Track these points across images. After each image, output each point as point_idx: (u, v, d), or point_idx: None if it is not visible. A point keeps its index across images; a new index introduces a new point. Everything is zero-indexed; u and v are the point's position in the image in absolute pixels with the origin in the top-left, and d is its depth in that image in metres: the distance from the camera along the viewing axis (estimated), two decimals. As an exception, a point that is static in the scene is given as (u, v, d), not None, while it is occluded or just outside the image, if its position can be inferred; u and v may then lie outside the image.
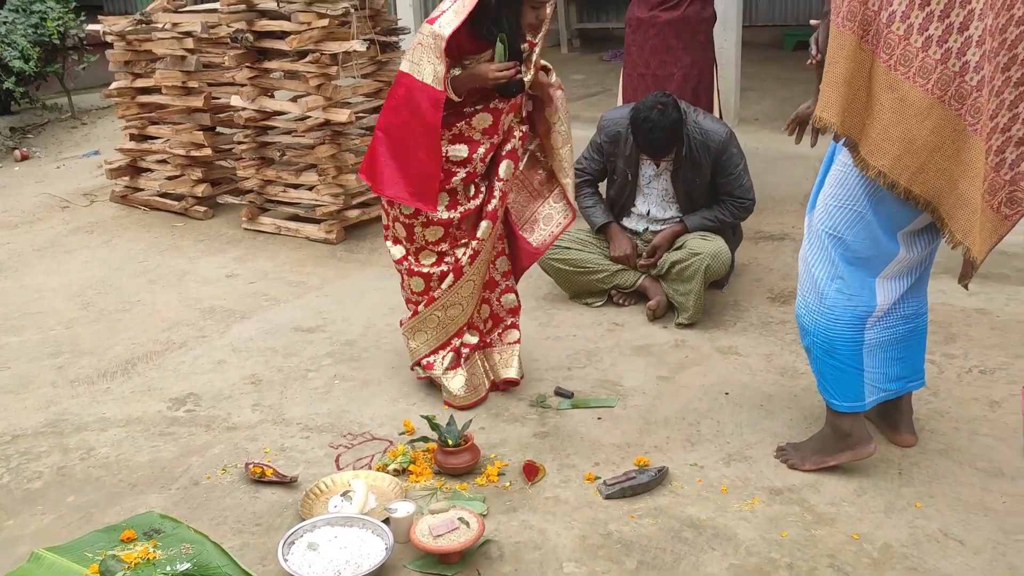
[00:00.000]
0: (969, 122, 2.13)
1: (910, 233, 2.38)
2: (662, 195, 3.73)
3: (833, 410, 2.53)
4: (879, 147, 2.19)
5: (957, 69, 2.11)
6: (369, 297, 4.04)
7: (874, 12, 2.13)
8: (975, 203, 2.19)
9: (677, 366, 3.27)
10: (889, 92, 2.15)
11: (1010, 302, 3.53)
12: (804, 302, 2.49)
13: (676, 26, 4.07)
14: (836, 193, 2.35)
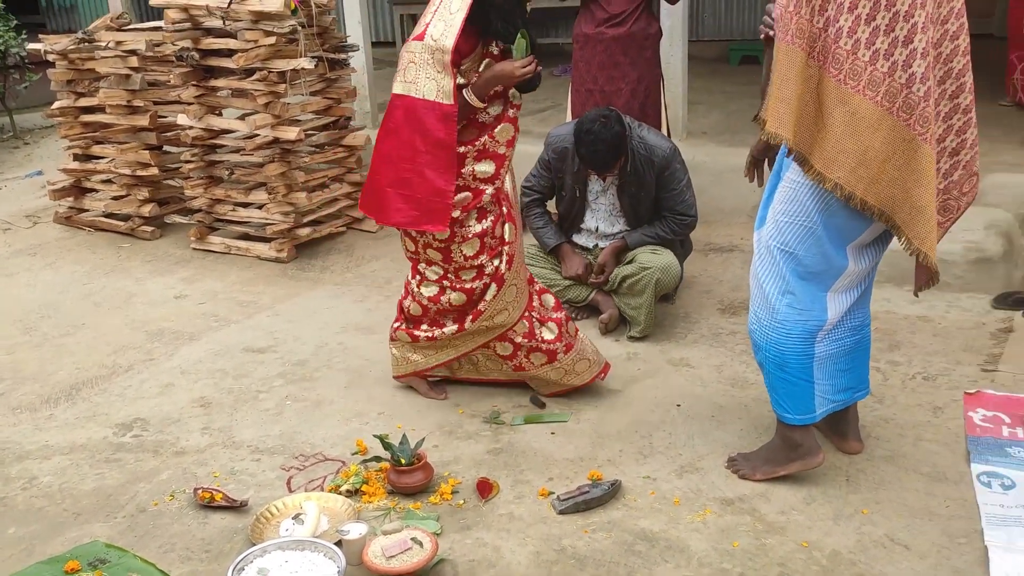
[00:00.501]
0: (918, 131, 2.20)
1: (858, 247, 2.43)
2: (609, 210, 3.76)
3: (784, 422, 2.57)
4: (834, 160, 2.22)
5: (904, 81, 2.17)
6: (321, 316, 4.00)
7: (819, 29, 2.17)
8: (929, 210, 2.25)
9: (629, 379, 3.29)
10: (841, 106, 2.19)
11: (951, 309, 3.62)
12: (756, 317, 2.52)
13: (623, 42, 4.11)
14: (786, 209, 2.38)
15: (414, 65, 2.69)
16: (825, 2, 2.15)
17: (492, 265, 2.97)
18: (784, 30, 2.18)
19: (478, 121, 2.84)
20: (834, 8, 2.15)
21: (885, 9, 2.13)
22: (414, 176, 2.76)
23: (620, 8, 4.08)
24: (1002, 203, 4.10)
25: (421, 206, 2.77)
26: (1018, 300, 3.59)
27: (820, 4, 2.15)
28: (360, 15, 5.66)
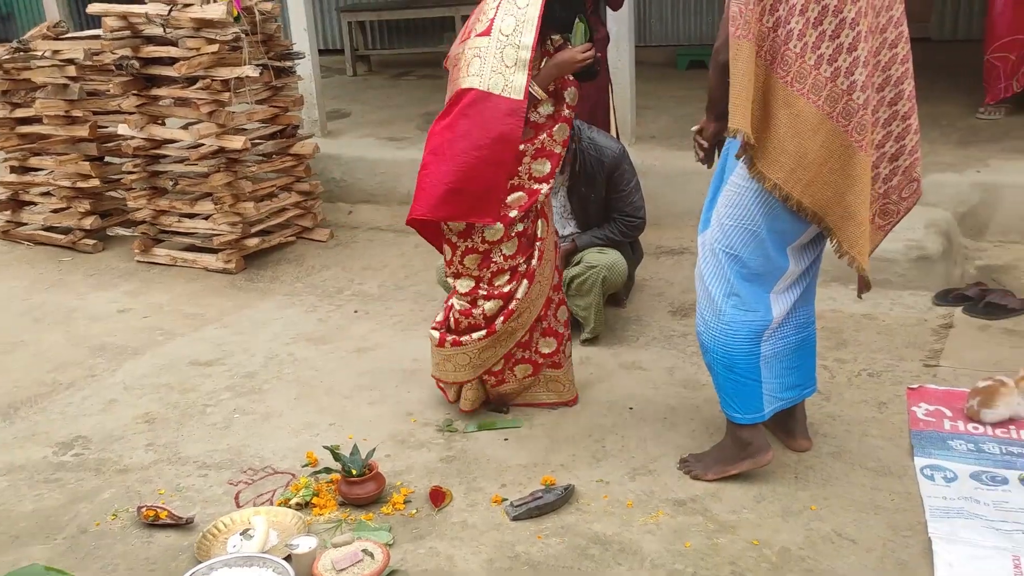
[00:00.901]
0: (855, 139, 2.23)
1: (798, 248, 2.47)
2: (560, 212, 3.77)
3: (733, 422, 2.59)
4: (775, 160, 2.25)
5: (845, 87, 2.20)
6: (271, 327, 3.94)
7: (769, 28, 2.19)
8: (861, 216, 2.29)
9: (583, 383, 3.29)
10: (785, 107, 2.22)
11: (894, 306, 3.69)
12: (703, 320, 2.54)
13: (569, 46, 4.13)
14: (731, 213, 2.40)
15: (479, 59, 2.67)
16: (776, 2, 2.17)
17: (525, 264, 2.96)
18: (745, 27, 2.18)
19: (530, 120, 2.82)
20: (785, 9, 2.17)
21: (832, 15, 2.16)
22: (469, 169, 2.69)
23: (567, 15, 4.10)
24: (941, 202, 4.20)
25: (470, 200, 2.73)
26: (958, 296, 3.67)
27: (771, 3, 2.17)
28: (306, 22, 5.60)
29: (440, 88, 8.14)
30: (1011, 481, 2.48)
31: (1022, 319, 3.48)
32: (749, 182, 2.34)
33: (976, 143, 4.67)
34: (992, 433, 2.73)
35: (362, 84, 8.02)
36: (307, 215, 5.02)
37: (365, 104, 7.00)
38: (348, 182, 5.53)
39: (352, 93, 7.54)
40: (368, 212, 5.40)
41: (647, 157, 4.84)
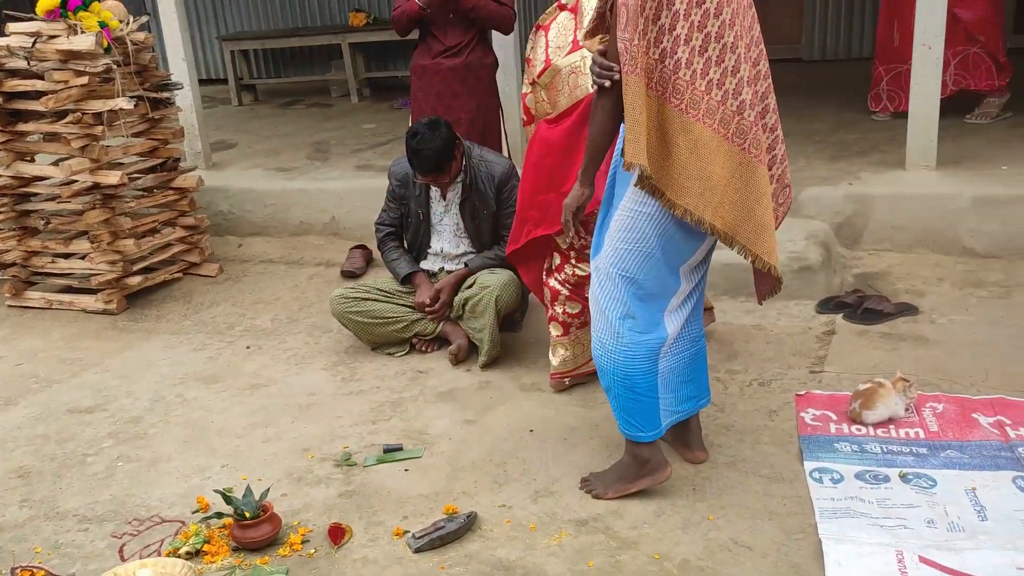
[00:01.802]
0: (753, 154, 2.32)
1: (690, 267, 2.53)
2: (453, 230, 3.77)
3: (634, 441, 2.61)
4: (682, 187, 2.29)
5: (735, 108, 2.29)
6: (157, 368, 3.78)
7: (655, 60, 2.24)
8: (771, 225, 2.39)
9: (483, 408, 3.27)
10: (684, 134, 2.27)
11: (781, 316, 3.82)
12: (600, 343, 2.54)
13: (460, 72, 4.15)
14: (625, 236, 2.42)
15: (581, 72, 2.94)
16: (660, 35, 2.22)
17: None
18: (632, 62, 2.22)
19: None
20: (670, 41, 2.23)
21: (715, 41, 2.24)
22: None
23: (456, 39, 4.12)
24: (819, 214, 4.38)
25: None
26: (838, 304, 3.83)
27: (655, 37, 2.23)
28: (184, 52, 5.45)
29: (328, 116, 8.06)
30: (892, 479, 2.59)
31: (897, 323, 3.65)
32: (642, 206, 2.38)
33: (847, 157, 4.90)
34: (874, 433, 2.84)
35: (248, 114, 7.85)
36: (194, 250, 4.85)
37: (252, 134, 6.85)
38: (236, 214, 5.39)
39: (238, 123, 7.37)
40: (259, 245, 5.26)
41: (538, 179, 4.88)
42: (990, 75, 5.09)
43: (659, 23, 2.22)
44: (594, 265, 2.55)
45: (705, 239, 2.47)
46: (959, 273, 4.05)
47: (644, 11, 2.20)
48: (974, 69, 5.08)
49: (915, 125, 4.38)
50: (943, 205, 4.22)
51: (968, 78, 5.12)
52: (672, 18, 2.21)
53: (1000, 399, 2.96)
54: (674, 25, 2.22)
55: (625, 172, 2.40)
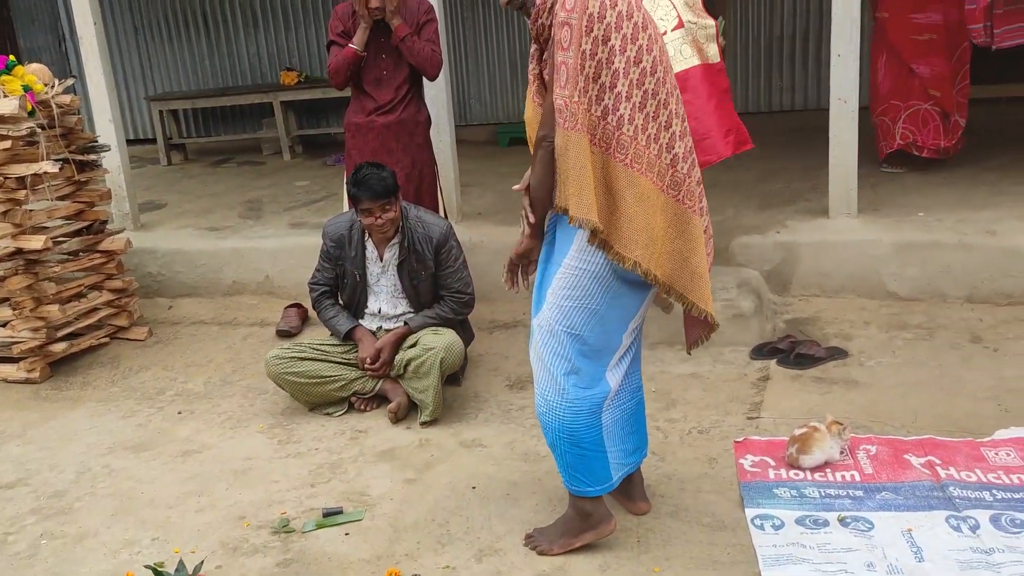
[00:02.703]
0: (688, 205, 2.39)
1: (635, 323, 2.56)
2: (391, 291, 3.75)
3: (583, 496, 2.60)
4: (631, 239, 2.32)
5: (669, 161, 2.36)
6: (83, 438, 3.64)
7: (598, 117, 2.29)
8: (706, 274, 2.44)
9: (423, 466, 3.23)
10: (631, 187, 2.31)
11: (716, 364, 3.88)
12: (544, 400, 2.53)
13: (394, 129, 4.17)
14: (569, 294, 2.43)
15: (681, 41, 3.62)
16: (601, 92, 2.28)
17: None
18: (572, 119, 2.26)
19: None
20: (612, 98, 2.28)
21: (652, 97, 2.32)
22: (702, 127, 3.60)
23: (389, 96, 4.15)
24: (749, 262, 4.49)
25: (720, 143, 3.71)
26: (772, 350, 3.91)
27: (597, 95, 2.28)
28: (111, 113, 5.36)
29: (261, 174, 8.00)
30: (831, 523, 2.62)
31: (828, 367, 3.74)
32: (587, 264, 2.40)
33: (773, 206, 5.05)
34: (811, 478, 2.89)
35: (178, 173, 7.74)
36: (121, 314, 4.72)
37: (182, 194, 6.75)
38: (166, 276, 5.27)
39: (168, 183, 7.26)
40: (190, 306, 5.15)
41: (474, 234, 4.91)
42: (937, 134, 5.20)
43: (599, 81, 2.27)
44: (536, 323, 2.54)
45: (647, 293, 2.50)
46: (884, 316, 4.18)
47: (584, 70, 2.26)
48: (923, 126, 5.23)
49: (836, 174, 4.55)
50: (866, 251, 4.37)
51: (916, 134, 5.24)
52: (612, 76, 2.28)
53: (929, 439, 3.04)
54: (615, 83, 2.28)
55: (565, 228, 2.43)
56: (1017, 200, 4.65)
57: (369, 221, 3.57)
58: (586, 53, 2.25)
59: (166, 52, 8.78)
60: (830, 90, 4.47)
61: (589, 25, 2.25)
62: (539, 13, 2.38)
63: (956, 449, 2.96)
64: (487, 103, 8.37)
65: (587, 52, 2.25)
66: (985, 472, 2.82)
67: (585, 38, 2.24)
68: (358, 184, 3.51)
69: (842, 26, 4.31)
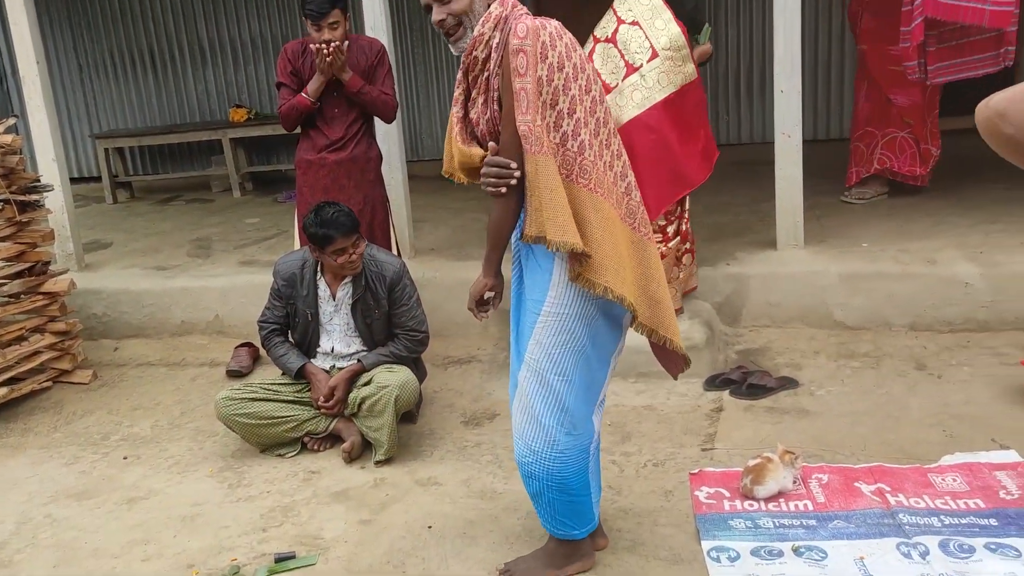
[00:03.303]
0: (643, 233, 2.41)
1: (616, 356, 2.55)
2: (344, 330, 3.71)
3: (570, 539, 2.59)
4: (600, 264, 2.30)
5: (624, 189, 2.39)
6: (23, 486, 3.52)
7: (557, 144, 2.29)
8: (667, 302, 2.44)
9: (378, 506, 3.18)
10: (596, 212, 2.31)
11: (670, 396, 3.90)
12: (530, 451, 2.47)
13: (346, 166, 4.16)
14: (556, 340, 2.40)
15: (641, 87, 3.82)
16: (559, 119, 2.28)
17: None
18: (538, 143, 2.26)
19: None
20: (571, 124, 2.29)
21: (603, 126, 2.35)
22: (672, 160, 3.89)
23: (340, 133, 4.14)
24: (701, 294, 4.55)
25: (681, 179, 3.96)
26: (724, 380, 3.95)
27: (555, 121, 2.28)
28: (55, 152, 5.26)
29: (210, 212, 7.91)
30: (786, 553, 2.64)
31: (779, 396, 3.79)
32: (566, 308, 2.38)
33: (724, 238, 5.14)
34: (765, 508, 2.91)
35: (124, 212, 7.61)
36: (65, 356, 4.60)
37: (129, 232, 6.63)
38: (112, 317, 5.16)
39: (113, 222, 7.13)
40: (137, 347, 5.04)
41: (427, 270, 4.90)
42: (914, 161, 5.37)
43: (557, 108, 2.28)
44: (523, 375, 2.47)
45: (624, 326, 2.49)
46: (833, 345, 4.25)
47: (542, 95, 2.27)
48: (900, 153, 5.40)
49: (782, 207, 4.64)
50: (813, 282, 4.46)
51: (893, 160, 5.42)
52: (570, 103, 2.29)
53: (879, 466, 3.09)
54: (573, 109, 2.29)
55: (534, 271, 2.42)
56: (955, 229, 4.80)
57: (343, 259, 3.53)
58: (542, 80, 2.26)
59: (112, 89, 8.67)
60: (775, 124, 4.58)
61: (543, 52, 2.26)
62: (475, 45, 2.36)
63: (904, 476, 3.01)
64: (438, 138, 8.40)
65: (543, 79, 2.26)
66: (933, 498, 2.87)
67: (540, 64, 2.26)
68: (327, 224, 3.46)
69: (784, 63, 4.43)
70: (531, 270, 2.45)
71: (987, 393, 3.62)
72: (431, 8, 2.39)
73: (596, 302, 2.38)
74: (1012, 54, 4.59)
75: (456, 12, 2.36)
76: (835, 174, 5.76)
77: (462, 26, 2.38)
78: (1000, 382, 3.67)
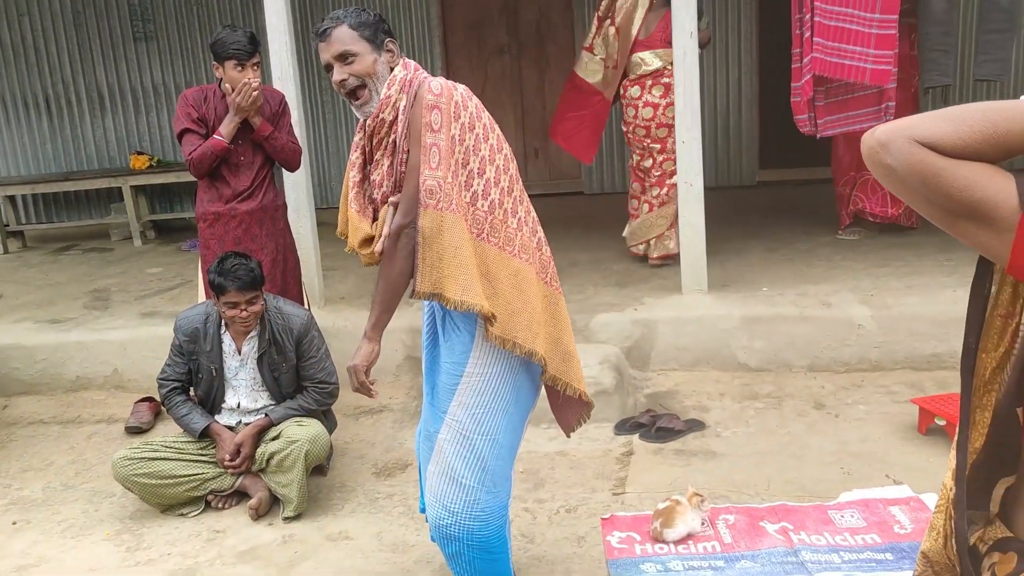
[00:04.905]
0: (555, 286, 2.45)
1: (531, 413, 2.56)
2: (251, 385, 3.62)
3: None
4: (512, 321, 2.31)
5: (535, 244, 2.42)
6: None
7: (468, 203, 2.30)
8: (576, 354, 2.47)
9: (287, 565, 3.09)
10: (506, 270, 2.32)
11: (582, 441, 3.93)
12: (448, 512, 2.42)
13: (257, 214, 4.09)
14: (481, 401, 2.38)
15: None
16: (470, 178, 2.30)
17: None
18: (447, 200, 2.25)
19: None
20: (481, 184, 2.31)
21: (516, 182, 2.39)
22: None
23: (247, 182, 4.07)
24: (610, 339, 4.63)
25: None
26: (634, 425, 4.01)
27: (465, 180, 2.30)
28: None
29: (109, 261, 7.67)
30: (697, 595, 2.67)
31: (688, 439, 3.86)
32: (488, 367, 2.37)
33: (631, 284, 5.25)
34: (675, 551, 2.94)
35: (16, 262, 7.28)
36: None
37: (21, 284, 6.34)
38: (1, 373, 4.90)
39: (4, 273, 6.81)
40: (28, 405, 4.80)
41: (338, 319, 4.85)
42: (884, 203, 5.59)
43: (468, 167, 2.30)
44: (444, 436, 2.42)
45: (540, 380, 2.50)
46: (737, 387, 4.38)
47: (454, 154, 2.28)
48: (872, 194, 5.62)
49: (687, 254, 4.79)
50: (717, 325, 4.59)
51: (865, 201, 5.64)
52: (480, 163, 2.31)
53: (782, 506, 3.17)
54: (483, 169, 2.32)
55: (451, 332, 2.40)
56: (848, 273, 5.03)
57: (233, 313, 3.45)
58: (455, 139, 2.28)
59: (3, 135, 8.34)
60: (677, 174, 4.73)
61: (456, 112, 2.29)
62: (382, 108, 2.35)
63: (806, 514, 3.09)
64: (348, 186, 8.37)
65: (456, 137, 2.28)
66: (833, 535, 2.96)
67: (454, 123, 2.28)
68: (225, 274, 3.39)
69: (684, 115, 4.61)
70: (449, 331, 2.43)
71: (881, 430, 3.78)
72: (331, 68, 2.36)
73: (518, 359, 2.38)
74: (892, 109, 4.88)
75: (359, 74, 2.34)
76: (739, 219, 5.97)
77: (366, 88, 2.36)
78: (892, 419, 3.85)
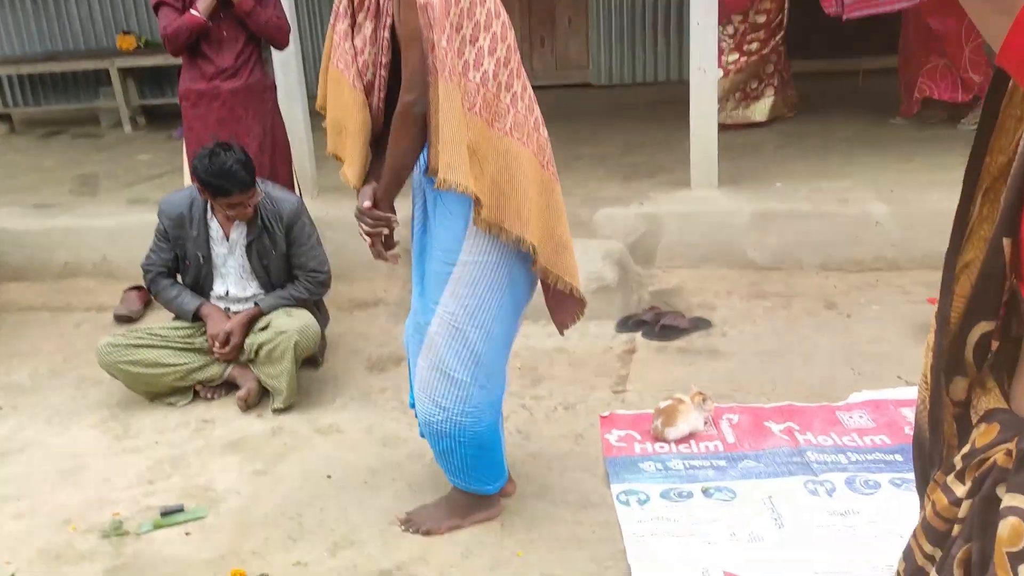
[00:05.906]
0: (551, 171, 2.27)
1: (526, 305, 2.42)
2: (240, 272, 3.48)
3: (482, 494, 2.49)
4: (500, 204, 2.15)
5: (533, 123, 2.25)
6: None
7: (459, 73, 2.09)
8: (570, 245, 2.31)
9: (275, 456, 3.01)
10: (494, 150, 2.14)
11: (582, 338, 3.81)
12: (439, 408, 2.31)
13: (242, 95, 3.87)
14: (474, 291, 2.25)
15: None
16: (463, 45, 2.09)
17: None
18: (441, 65, 2.04)
19: None
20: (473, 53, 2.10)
21: (514, 52, 2.20)
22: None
23: (231, 60, 3.84)
24: (614, 234, 4.45)
25: None
26: (637, 322, 3.87)
27: (459, 47, 2.09)
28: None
29: (98, 147, 7.44)
30: (695, 495, 2.59)
31: (692, 338, 3.74)
32: (482, 255, 2.22)
33: (637, 178, 5.04)
34: (676, 449, 2.85)
35: (3, 146, 7.07)
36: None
37: (7, 168, 6.16)
38: (-12, 258, 4.77)
39: (-10, 157, 6.62)
40: (16, 291, 4.68)
41: (331, 209, 4.66)
42: (955, 88, 5.29)
43: (461, 32, 2.09)
44: (435, 329, 2.29)
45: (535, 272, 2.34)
46: (745, 285, 4.23)
47: (449, 16, 2.06)
48: (941, 80, 5.31)
49: (697, 146, 4.56)
50: (727, 221, 4.41)
51: (933, 88, 5.34)
52: (474, 29, 2.10)
53: (788, 406, 3.07)
54: (476, 36, 2.10)
55: (443, 218, 2.24)
56: (866, 168, 4.81)
57: (235, 212, 3.27)
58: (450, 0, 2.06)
59: (-14, 12, 7.99)
60: (690, 60, 4.46)
61: None
62: None
63: (813, 414, 3.00)
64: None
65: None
66: (840, 435, 2.86)
67: None
68: (224, 175, 3.15)
69: None
70: (441, 217, 2.26)
71: (894, 331, 3.64)
72: None
73: (514, 249, 2.23)
74: None
75: None
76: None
77: None
78: (907, 320, 3.70)
